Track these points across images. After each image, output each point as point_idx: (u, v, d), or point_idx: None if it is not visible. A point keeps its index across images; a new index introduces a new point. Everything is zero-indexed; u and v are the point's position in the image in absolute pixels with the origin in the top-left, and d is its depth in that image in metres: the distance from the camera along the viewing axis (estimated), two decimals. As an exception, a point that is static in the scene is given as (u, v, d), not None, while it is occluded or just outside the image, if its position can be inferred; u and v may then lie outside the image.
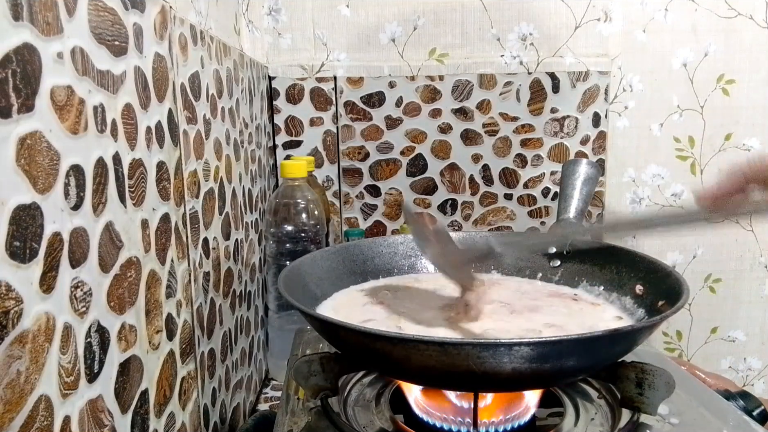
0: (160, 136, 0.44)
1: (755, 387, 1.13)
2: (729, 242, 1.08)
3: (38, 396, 0.27)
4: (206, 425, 0.54)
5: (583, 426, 0.47)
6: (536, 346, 0.38)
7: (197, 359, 0.52)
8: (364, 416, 0.49)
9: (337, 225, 1.04)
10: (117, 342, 0.36)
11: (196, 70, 0.54)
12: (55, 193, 0.29)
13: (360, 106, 1.00)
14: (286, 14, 0.98)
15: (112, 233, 0.35)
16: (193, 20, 0.56)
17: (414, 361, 0.40)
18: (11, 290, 0.25)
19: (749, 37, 1.02)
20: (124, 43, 0.38)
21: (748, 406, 0.54)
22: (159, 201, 0.43)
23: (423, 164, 1.03)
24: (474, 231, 1.03)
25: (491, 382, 0.41)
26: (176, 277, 0.47)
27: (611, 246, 0.62)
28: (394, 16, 0.99)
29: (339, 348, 0.48)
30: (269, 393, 0.82)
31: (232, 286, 0.66)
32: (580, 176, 0.63)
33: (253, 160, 0.80)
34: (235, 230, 0.68)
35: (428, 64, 1.00)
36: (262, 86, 0.92)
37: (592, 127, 1.02)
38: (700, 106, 1.04)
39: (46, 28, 0.28)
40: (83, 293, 0.32)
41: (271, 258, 0.81)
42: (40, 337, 0.27)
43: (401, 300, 0.57)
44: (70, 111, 0.31)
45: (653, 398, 0.44)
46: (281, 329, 0.83)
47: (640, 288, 0.54)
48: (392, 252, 0.66)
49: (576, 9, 0.99)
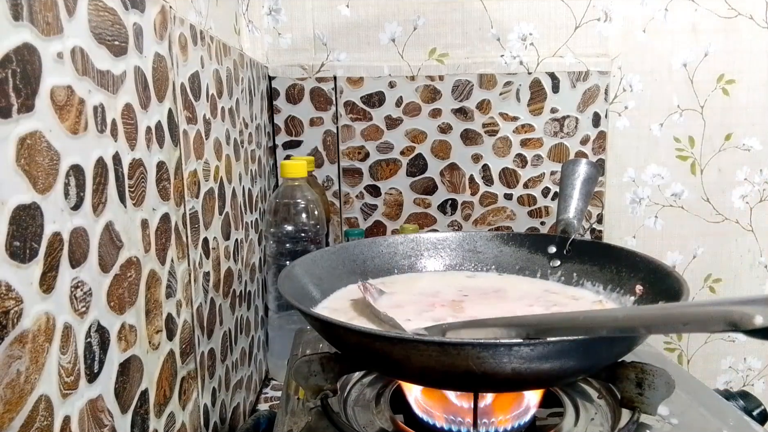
0: (160, 136, 0.44)
1: (755, 387, 1.13)
2: (729, 242, 1.08)
3: (38, 396, 0.27)
4: (206, 425, 0.54)
5: (583, 426, 0.47)
6: (536, 346, 0.38)
7: (197, 359, 0.52)
8: (364, 416, 0.49)
9: (337, 225, 1.04)
10: (117, 342, 0.36)
11: (196, 70, 0.54)
12: (55, 193, 0.29)
13: (360, 106, 1.00)
14: (286, 14, 0.98)
15: (112, 233, 0.35)
16: (193, 20, 0.56)
17: (414, 361, 0.40)
18: (11, 290, 0.25)
19: (749, 37, 1.02)
20: (124, 43, 0.38)
21: (748, 406, 0.54)
22: (159, 201, 0.43)
23: (423, 164, 1.03)
24: (474, 231, 1.03)
25: (491, 382, 0.41)
26: (176, 277, 0.47)
27: (611, 246, 0.62)
28: (394, 16, 0.99)
29: (339, 348, 0.48)
30: (269, 393, 0.82)
31: (232, 286, 0.66)
32: (579, 176, 0.64)
33: (253, 160, 0.80)
34: (235, 230, 0.68)
35: (428, 64, 1.00)
36: (262, 86, 0.92)
37: (592, 127, 1.02)
38: (700, 106, 1.04)
39: (46, 28, 0.28)
40: (83, 293, 0.32)
41: (271, 258, 0.81)
42: (40, 337, 0.27)
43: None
44: (70, 111, 0.31)
45: (653, 398, 0.44)
46: (281, 329, 0.83)
47: (640, 288, 0.54)
48: (392, 252, 0.66)
49: (576, 9, 0.99)
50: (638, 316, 0.34)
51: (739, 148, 1.05)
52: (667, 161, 1.05)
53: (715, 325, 0.28)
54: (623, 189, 1.06)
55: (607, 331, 0.35)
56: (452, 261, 0.67)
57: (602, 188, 1.04)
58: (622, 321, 0.35)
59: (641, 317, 0.34)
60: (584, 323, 0.36)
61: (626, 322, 0.34)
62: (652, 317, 0.33)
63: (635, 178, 1.06)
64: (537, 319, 0.41)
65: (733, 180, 1.06)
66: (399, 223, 1.04)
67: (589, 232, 1.06)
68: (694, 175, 1.06)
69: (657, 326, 0.34)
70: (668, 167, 1.05)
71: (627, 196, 1.06)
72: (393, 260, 0.66)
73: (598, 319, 0.37)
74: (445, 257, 0.67)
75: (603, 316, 0.38)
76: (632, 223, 1.07)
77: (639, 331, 0.35)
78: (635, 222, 1.07)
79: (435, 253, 0.68)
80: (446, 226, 1.05)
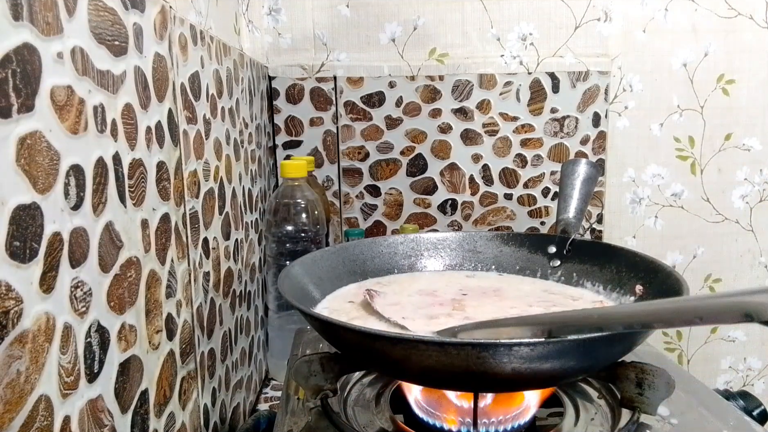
0: (160, 136, 0.44)
1: (755, 387, 1.13)
2: (729, 242, 1.08)
3: (38, 396, 0.27)
4: (206, 425, 0.54)
5: (583, 426, 0.47)
6: (536, 346, 0.38)
7: (197, 359, 0.52)
8: (364, 416, 0.49)
9: (337, 225, 1.04)
10: (117, 342, 0.36)
11: (196, 70, 0.54)
12: (55, 193, 0.29)
13: (360, 106, 1.00)
14: (286, 14, 0.98)
15: (112, 233, 0.35)
16: (193, 20, 0.56)
17: (414, 361, 0.40)
18: (11, 290, 0.25)
19: (749, 37, 1.02)
20: (124, 43, 0.38)
21: (748, 406, 0.54)
22: (159, 201, 0.43)
23: (423, 164, 1.03)
24: (474, 231, 1.03)
25: (491, 382, 0.41)
26: (176, 277, 0.47)
27: (611, 246, 0.62)
28: (394, 16, 0.99)
29: (339, 348, 0.48)
30: (269, 393, 0.82)
31: (232, 286, 0.66)
32: (579, 176, 0.64)
33: (253, 160, 0.80)
34: (235, 230, 0.68)
35: (428, 64, 1.00)
36: (262, 86, 0.92)
37: (592, 127, 1.02)
38: (700, 106, 1.04)
39: (46, 28, 0.28)
40: (83, 293, 0.32)
41: (271, 258, 0.81)
42: (40, 337, 0.27)
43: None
44: (70, 111, 0.31)
45: (653, 398, 0.44)
46: (281, 329, 0.83)
47: (640, 288, 0.54)
48: (392, 252, 0.66)
49: (576, 9, 0.99)
50: (653, 311, 0.34)
51: (739, 148, 1.05)
52: (667, 161, 1.05)
53: (730, 317, 0.28)
54: (623, 189, 1.06)
55: (623, 327, 0.35)
56: (452, 261, 0.67)
57: (602, 188, 1.04)
58: (638, 316, 0.34)
59: (656, 312, 0.33)
60: (599, 320, 0.36)
61: (642, 318, 0.34)
62: (667, 311, 0.32)
63: (635, 178, 1.06)
64: (550, 317, 0.41)
65: (733, 180, 1.06)
66: (399, 223, 1.04)
67: (589, 232, 1.06)
68: (694, 175, 1.06)
69: (672, 320, 0.33)
70: (668, 167, 1.05)
71: (627, 196, 1.06)
72: (393, 260, 0.66)
73: (613, 315, 0.36)
74: (445, 257, 0.67)
75: (617, 312, 0.38)
76: (632, 223, 1.07)
77: (654, 325, 0.35)
78: (635, 222, 1.07)
79: (435, 253, 0.68)
80: (446, 226, 1.05)
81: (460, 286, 0.61)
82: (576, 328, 0.37)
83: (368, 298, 0.55)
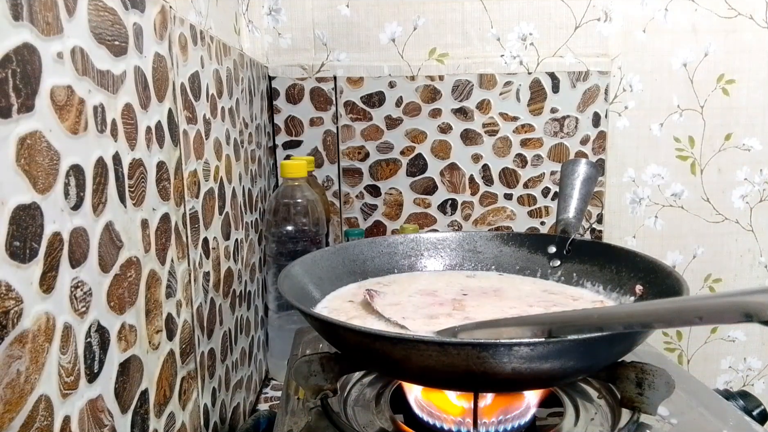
0: (160, 136, 0.44)
1: (755, 387, 1.13)
2: (729, 242, 1.08)
3: (38, 396, 0.27)
4: (206, 425, 0.54)
5: (583, 426, 0.47)
6: (536, 346, 0.38)
7: (197, 359, 0.52)
8: (364, 416, 0.49)
9: (337, 225, 1.04)
10: (117, 342, 0.36)
11: (196, 70, 0.54)
12: (55, 193, 0.29)
13: (360, 106, 1.00)
14: (286, 14, 0.98)
15: (112, 233, 0.35)
16: (193, 20, 0.56)
17: (414, 361, 0.40)
18: (11, 290, 0.25)
19: (749, 37, 1.02)
20: (124, 43, 0.38)
21: (748, 406, 0.54)
22: (159, 201, 0.43)
23: (423, 164, 1.03)
24: (474, 231, 1.03)
25: (491, 382, 0.41)
26: (176, 277, 0.47)
27: (611, 246, 0.62)
28: (394, 16, 0.99)
29: (339, 348, 0.48)
30: (269, 393, 0.82)
31: (232, 286, 0.66)
32: (579, 176, 0.63)
33: (253, 160, 0.80)
34: (235, 230, 0.68)
35: (428, 64, 1.00)
36: (262, 86, 0.92)
37: (592, 127, 1.02)
38: (700, 106, 1.04)
39: (46, 28, 0.28)
40: (83, 293, 0.32)
41: (271, 258, 0.81)
42: (40, 337, 0.27)
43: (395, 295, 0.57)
44: (70, 111, 0.31)
45: (653, 398, 0.44)
46: (281, 329, 0.83)
47: (640, 288, 0.54)
48: (392, 252, 0.66)
49: (576, 9, 0.99)
50: (653, 311, 0.34)
51: (739, 148, 1.05)
52: (667, 161, 1.05)
53: (730, 317, 0.28)
54: (623, 189, 1.06)
55: (623, 327, 0.35)
56: (452, 261, 0.67)
57: (602, 188, 1.04)
58: (638, 316, 0.34)
59: (656, 312, 0.33)
60: (599, 320, 0.36)
61: (642, 318, 0.34)
62: (667, 311, 0.32)
63: (635, 178, 1.06)
64: (550, 317, 0.41)
65: (733, 180, 1.06)
66: (399, 223, 1.04)
67: (589, 232, 1.06)
68: (694, 175, 1.06)
69: (672, 320, 0.33)
70: (668, 167, 1.05)
71: (627, 196, 1.06)
72: (393, 260, 0.66)
73: (613, 315, 0.36)
74: (445, 257, 0.67)
75: (618, 312, 0.38)
76: (632, 223, 1.07)
77: (654, 325, 0.35)
78: (635, 222, 1.07)
79: (435, 252, 0.68)
80: (446, 226, 1.05)
81: (460, 286, 0.61)
82: (576, 328, 0.37)
83: (368, 298, 0.55)
